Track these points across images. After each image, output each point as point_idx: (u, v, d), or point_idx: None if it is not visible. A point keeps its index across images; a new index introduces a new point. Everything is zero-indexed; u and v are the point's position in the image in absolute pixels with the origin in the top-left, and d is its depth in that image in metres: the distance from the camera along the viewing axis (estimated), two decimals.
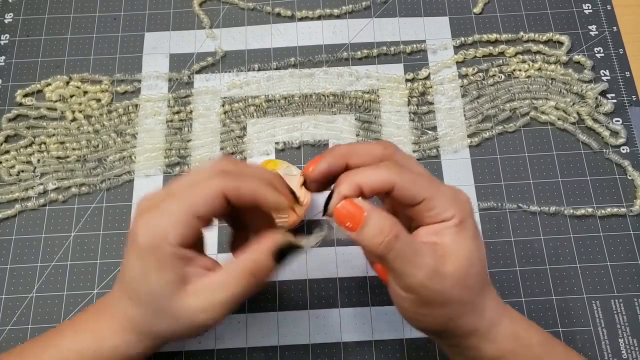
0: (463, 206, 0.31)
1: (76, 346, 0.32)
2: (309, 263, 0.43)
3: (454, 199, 0.31)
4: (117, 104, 0.48)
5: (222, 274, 0.30)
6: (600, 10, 0.51)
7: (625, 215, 0.44)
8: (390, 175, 0.30)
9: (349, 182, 0.30)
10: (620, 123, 0.47)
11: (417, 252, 0.29)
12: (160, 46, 0.51)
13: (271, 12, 0.52)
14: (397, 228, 0.29)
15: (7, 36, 0.51)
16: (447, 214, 0.31)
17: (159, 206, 0.30)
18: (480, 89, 0.49)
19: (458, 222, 0.31)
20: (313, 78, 0.49)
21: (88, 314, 0.34)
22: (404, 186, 0.30)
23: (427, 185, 0.31)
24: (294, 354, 0.41)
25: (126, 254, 0.31)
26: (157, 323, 0.30)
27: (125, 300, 0.31)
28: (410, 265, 0.29)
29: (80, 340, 0.32)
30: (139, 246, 0.29)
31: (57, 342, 0.32)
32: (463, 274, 0.30)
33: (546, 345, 0.32)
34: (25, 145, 0.47)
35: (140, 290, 0.30)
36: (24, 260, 0.44)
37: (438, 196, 0.31)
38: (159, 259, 0.29)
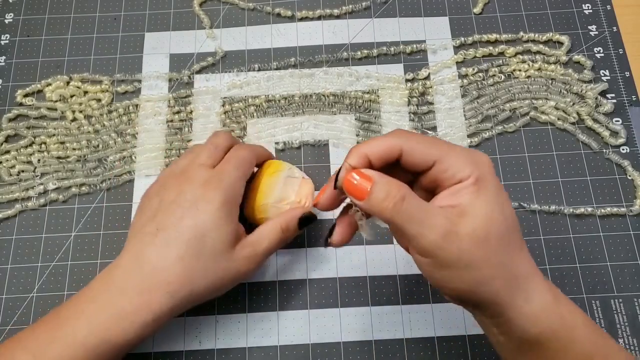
0: (481, 165, 0.30)
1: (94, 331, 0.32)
2: (309, 263, 0.43)
3: (469, 158, 0.30)
4: (117, 104, 0.49)
5: (262, 230, 0.37)
6: (600, 11, 0.51)
7: (625, 215, 0.44)
8: (396, 140, 0.30)
9: (356, 152, 0.30)
10: (620, 123, 0.47)
11: (428, 213, 0.29)
12: (160, 46, 0.51)
13: (271, 12, 0.52)
14: (404, 191, 0.29)
15: (7, 36, 0.51)
16: (463, 174, 0.30)
17: (222, 177, 0.36)
18: (480, 89, 0.49)
19: (474, 181, 0.29)
20: (313, 78, 0.49)
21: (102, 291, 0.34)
22: (412, 148, 0.30)
23: (437, 146, 0.30)
24: (294, 354, 0.41)
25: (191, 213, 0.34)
26: (200, 282, 0.34)
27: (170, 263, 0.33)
28: (422, 227, 0.28)
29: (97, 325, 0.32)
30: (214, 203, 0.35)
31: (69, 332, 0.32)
32: (483, 233, 0.29)
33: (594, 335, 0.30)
34: (26, 145, 0.47)
35: (206, 241, 0.34)
36: (24, 260, 0.44)
37: (451, 156, 0.30)
38: (231, 214, 0.35)
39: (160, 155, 0.47)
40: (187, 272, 0.33)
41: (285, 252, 0.44)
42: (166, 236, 0.34)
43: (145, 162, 0.47)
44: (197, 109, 0.48)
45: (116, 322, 0.32)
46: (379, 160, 0.30)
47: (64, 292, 0.43)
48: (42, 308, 0.42)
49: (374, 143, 0.30)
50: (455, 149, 0.30)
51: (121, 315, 0.32)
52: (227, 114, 0.48)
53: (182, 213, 0.34)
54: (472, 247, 0.28)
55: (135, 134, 0.47)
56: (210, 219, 0.34)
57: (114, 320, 0.32)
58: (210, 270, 0.34)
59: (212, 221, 0.34)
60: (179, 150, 0.47)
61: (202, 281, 0.34)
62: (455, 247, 0.28)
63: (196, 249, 0.34)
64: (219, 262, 0.34)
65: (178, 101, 0.49)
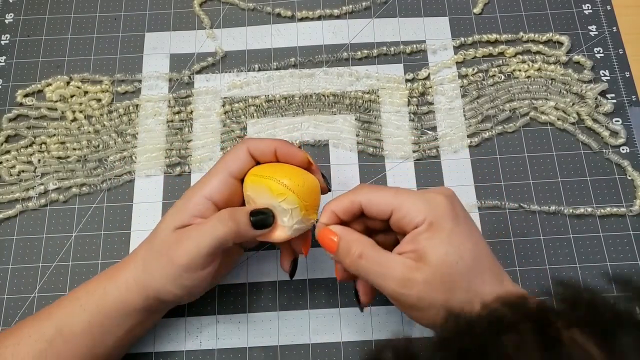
0: (435, 208, 0.32)
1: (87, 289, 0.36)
2: (309, 263, 0.43)
3: (424, 203, 0.33)
4: (117, 104, 0.49)
5: (205, 221, 0.35)
6: (600, 11, 0.51)
7: (624, 215, 0.44)
8: (356, 196, 0.34)
9: (326, 210, 0.35)
10: (619, 123, 0.47)
11: (386, 265, 0.32)
12: (160, 46, 0.51)
13: (271, 12, 0.52)
14: (362, 247, 0.33)
15: (7, 36, 0.52)
16: (417, 220, 0.33)
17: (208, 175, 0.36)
18: (480, 89, 0.49)
19: (428, 226, 0.32)
20: (313, 78, 0.49)
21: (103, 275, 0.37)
22: (370, 202, 0.34)
23: (393, 196, 0.33)
24: (294, 354, 0.41)
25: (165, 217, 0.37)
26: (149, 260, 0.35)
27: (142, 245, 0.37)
28: (381, 278, 0.32)
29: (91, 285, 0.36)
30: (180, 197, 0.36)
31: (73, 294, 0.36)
32: (438, 277, 0.31)
33: None
34: (26, 145, 0.47)
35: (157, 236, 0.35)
36: (25, 261, 0.44)
37: (405, 204, 0.33)
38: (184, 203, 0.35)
39: (161, 156, 0.47)
40: (142, 248, 0.36)
41: None
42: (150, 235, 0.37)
43: (145, 162, 0.47)
44: (198, 109, 0.48)
45: (103, 282, 0.36)
46: (345, 214, 0.35)
47: (65, 292, 0.43)
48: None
49: (338, 201, 0.35)
50: (411, 196, 0.33)
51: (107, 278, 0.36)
52: (227, 114, 0.48)
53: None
54: (430, 291, 0.31)
55: (136, 134, 0.48)
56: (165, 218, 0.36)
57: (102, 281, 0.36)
58: (153, 247, 0.35)
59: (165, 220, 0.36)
60: (179, 151, 0.47)
61: (151, 260, 0.35)
62: (415, 292, 0.31)
63: (150, 242, 0.36)
64: (161, 241, 0.35)
65: (178, 101, 0.49)
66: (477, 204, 0.45)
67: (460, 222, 0.32)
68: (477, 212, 0.45)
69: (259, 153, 0.37)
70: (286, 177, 0.35)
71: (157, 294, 0.35)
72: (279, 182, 0.34)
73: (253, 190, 0.36)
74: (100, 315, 0.35)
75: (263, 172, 0.36)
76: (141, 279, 0.35)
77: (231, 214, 0.35)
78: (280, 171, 0.35)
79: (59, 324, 0.35)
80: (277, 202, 0.35)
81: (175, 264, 0.34)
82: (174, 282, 0.35)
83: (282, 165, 0.36)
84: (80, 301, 0.35)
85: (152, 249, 0.35)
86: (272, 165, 0.37)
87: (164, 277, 0.35)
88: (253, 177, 0.36)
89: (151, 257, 0.35)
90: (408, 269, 0.32)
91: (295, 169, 0.36)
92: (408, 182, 0.46)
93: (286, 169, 0.36)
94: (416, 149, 0.47)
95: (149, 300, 0.36)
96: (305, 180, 0.35)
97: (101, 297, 0.35)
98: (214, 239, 0.34)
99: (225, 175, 0.36)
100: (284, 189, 0.34)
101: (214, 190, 0.35)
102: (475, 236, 0.33)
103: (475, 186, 0.46)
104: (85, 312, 0.35)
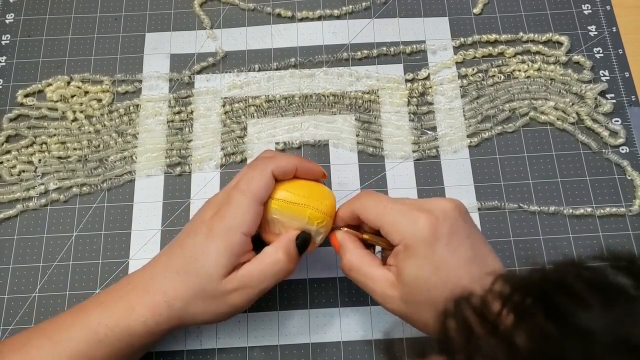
0: (414, 231, 0.33)
1: (105, 321, 0.34)
2: (309, 263, 0.43)
3: (405, 224, 0.33)
4: (118, 104, 0.49)
5: (257, 262, 0.35)
6: (600, 11, 0.51)
7: (624, 215, 0.44)
8: (353, 205, 0.36)
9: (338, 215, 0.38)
10: (619, 123, 0.47)
11: (370, 279, 0.34)
12: (161, 46, 0.51)
13: (271, 12, 0.52)
14: (351, 261, 0.35)
15: (8, 36, 0.52)
16: (396, 240, 0.34)
17: (229, 200, 0.35)
18: (479, 90, 0.49)
19: (404, 248, 0.33)
20: (313, 78, 0.49)
21: (118, 287, 0.36)
22: (362, 214, 0.36)
23: (380, 213, 0.34)
24: (294, 353, 0.41)
25: (189, 234, 0.35)
26: (193, 301, 0.34)
27: (170, 273, 0.35)
28: (367, 290, 0.35)
29: (110, 315, 0.34)
30: (210, 229, 0.34)
31: (85, 320, 0.34)
32: (413, 296, 0.32)
33: None
34: (27, 145, 0.47)
35: (193, 266, 0.34)
36: (26, 260, 0.44)
37: (390, 223, 0.34)
38: (227, 245, 0.34)
39: (161, 156, 0.47)
40: (180, 286, 0.34)
41: None
42: (174, 249, 0.36)
43: (146, 162, 0.47)
44: (198, 109, 0.48)
45: (125, 313, 0.34)
46: (350, 220, 0.37)
47: (66, 292, 0.43)
48: (44, 308, 0.42)
49: (343, 208, 0.37)
50: (396, 214, 0.34)
51: (129, 308, 0.34)
52: (228, 114, 0.48)
53: (191, 231, 0.36)
54: (407, 307, 0.33)
55: (136, 134, 0.48)
56: (204, 244, 0.35)
57: (123, 312, 0.34)
58: (202, 291, 0.34)
59: (206, 246, 0.34)
60: (179, 151, 0.47)
61: (195, 299, 0.34)
62: (395, 307, 0.34)
63: (190, 267, 0.34)
64: (213, 288, 0.34)
65: (179, 101, 0.49)
66: (477, 204, 0.45)
67: (437, 247, 0.32)
68: (477, 212, 0.45)
69: (282, 174, 0.36)
70: (317, 200, 0.36)
71: (195, 324, 0.36)
72: (317, 210, 0.36)
73: (285, 215, 0.36)
74: (124, 350, 0.34)
75: (293, 197, 0.36)
76: (179, 316, 0.35)
77: (286, 252, 0.35)
78: (307, 193, 0.37)
79: (75, 354, 0.33)
80: (315, 227, 0.36)
81: (233, 306, 0.35)
82: (225, 318, 0.36)
83: (304, 185, 0.37)
84: (99, 335, 0.34)
85: (198, 294, 0.34)
86: (293, 185, 0.37)
87: (214, 315, 0.35)
88: (283, 204, 0.36)
89: (199, 301, 0.34)
90: (388, 284, 0.34)
91: (316, 187, 0.38)
92: (408, 182, 0.46)
93: (310, 189, 0.37)
94: (416, 149, 0.47)
95: (181, 327, 0.36)
96: (329, 198, 0.38)
97: (125, 334, 0.34)
98: (275, 281, 0.35)
99: (256, 206, 0.35)
100: (321, 215, 0.36)
101: (251, 226, 0.35)
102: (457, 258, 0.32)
103: (475, 186, 0.46)
104: (107, 346, 0.34)
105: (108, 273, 0.43)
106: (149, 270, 0.36)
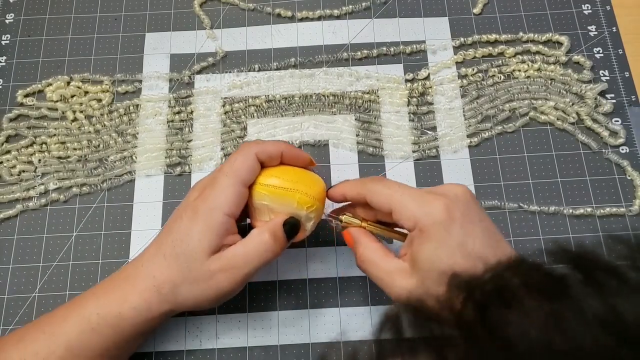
0: (428, 214, 0.32)
1: (98, 310, 0.34)
2: (309, 263, 0.43)
3: (418, 208, 0.33)
4: (117, 104, 0.49)
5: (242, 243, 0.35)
6: (600, 11, 0.51)
7: (624, 215, 0.44)
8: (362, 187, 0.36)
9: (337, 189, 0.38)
10: (619, 123, 0.47)
11: (385, 272, 0.34)
12: (161, 46, 0.51)
13: (271, 12, 0.52)
14: (365, 255, 0.36)
15: (8, 36, 0.52)
16: (409, 225, 0.33)
17: (213, 182, 0.35)
18: (479, 90, 0.49)
19: (419, 232, 0.32)
20: (313, 78, 0.49)
21: (112, 279, 0.37)
22: (372, 198, 0.35)
23: (392, 198, 0.34)
24: (294, 353, 0.41)
25: (176, 218, 0.36)
26: (180, 283, 0.34)
27: (158, 257, 0.35)
28: (382, 285, 0.35)
29: (102, 305, 0.35)
30: (194, 210, 0.35)
31: (79, 311, 0.35)
32: (430, 282, 0.32)
33: None
34: (27, 145, 0.47)
35: (179, 248, 0.34)
36: (25, 260, 0.44)
37: (402, 207, 0.33)
38: (209, 224, 0.34)
39: (161, 155, 0.47)
40: (167, 270, 0.35)
41: (286, 252, 0.44)
42: (162, 235, 0.36)
43: (145, 162, 0.47)
44: (198, 109, 0.48)
45: (118, 302, 0.35)
46: (353, 200, 0.37)
47: (66, 291, 0.43)
48: (44, 308, 0.42)
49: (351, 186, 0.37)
50: (408, 199, 0.34)
51: (122, 297, 0.35)
52: (228, 114, 0.48)
53: (177, 215, 0.36)
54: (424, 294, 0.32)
55: (136, 134, 0.48)
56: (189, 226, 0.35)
57: (115, 301, 0.35)
58: (188, 272, 0.34)
59: (190, 228, 0.35)
60: (179, 150, 0.47)
61: (182, 282, 0.34)
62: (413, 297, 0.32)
63: (177, 249, 0.35)
64: (198, 268, 0.34)
65: (178, 101, 0.49)
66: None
67: (453, 228, 0.32)
68: None
69: (267, 158, 0.36)
70: (306, 185, 0.36)
71: (186, 309, 0.36)
72: (306, 195, 0.36)
73: (274, 201, 0.36)
74: (117, 338, 0.35)
75: (281, 182, 0.36)
76: (169, 300, 0.35)
77: (272, 234, 0.35)
78: (295, 178, 0.36)
79: (70, 344, 0.34)
80: (304, 212, 0.36)
81: (219, 288, 0.34)
82: (214, 302, 0.36)
83: (291, 171, 0.37)
84: (92, 324, 0.34)
85: (185, 275, 0.34)
86: (281, 170, 0.37)
87: (202, 299, 0.35)
88: (271, 189, 0.36)
89: (186, 283, 0.34)
90: (403, 275, 0.33)
91: (304, 172, 0.38)
92: (408, 182, 0.46)
93: (298, 175, 0.37)
94: (416, 149, 0.47)
95: (173, 313, 0.36)
96: (318, 184, 0.37)
97: (117, 321, 0.34)
98: (260, 263, 0.35)
99: (239, 186, 0.35)
100: (311, 200, 0.36)
101: (233, 206, 0.35)
102: (472, 240, 0.32)
103: (475, 186, 0.46)
104: (100, 334, 0.34)
105: (108, 273, 0.43)
106: (140, 258, 0.36)
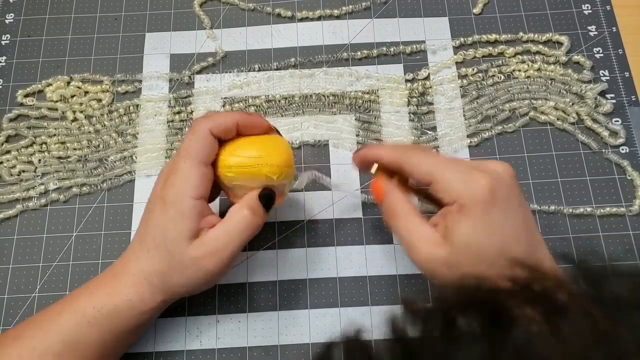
0: (470, 191, 0.31)
1: (93, 303, 0.35)
2: (309, 263, 0.43)
3: (461, 183, 0.31)
4: (117, 104, 0.49)
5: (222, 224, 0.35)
6: (600, 11, 0.51)
7: (624, 215, 0.44)
8: (402, 157, 0.34)
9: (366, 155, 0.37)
10: (619, 123, 0.47)
11: (413, 235, 0.33)
12: (160, 46, 0.51)
13: (271, 12, 0.52)
14: (394, 207, 0.34)
15: (8, 36, 0.52)
16: (449, 199, 0.31)
17: (174, 168, 0.35)
18: (479, 90, 0.49)
19: (459, 208, 0.31)
20: (313, 78, 0.49)
21: (103, 276, 0.37)
22: (412, 167, 0.34)
23: (434, 168, 0.32)
24: (294, 353, 0.41)
25: (149, 211, 0.36)
26: (169, 273, 0.34)
27: (143, 252, 0.35)
28: (408, 247, 0.33)
29: (96, 300, 0.35)
30: (163, 201, 0.35)
31: (73, 306, 0.35)
32: (459, 259, 0.30)
33: None
34: (26, 145, 0.47)
35: (158, 240, 0.35)
36: (25, 260, 0.44)
37: (443, 179, 0.32)
38: (180, 211, 0.34)
39: (161, 156, 0.47)
40: (152, 262, 0.35)
41: (286, 251, 0.44)
42: (141, 229, 0.37)
43: (145, 162, 0.47)
44: (198, 109, 0.48)
45: (112, 296, 0.35)
46: (388, 165, 0.35)
47: (66, 292, 0.43)
48: (44, 308, 0.42)
49: (388, 151, 0.35)
50: (452, 172, 0.32)
51: (115, 292, 0.35)
52: None
53: (149, 207, 0.36)
54: (446, 271, 0.31)
55: (136, 134, 0.48)
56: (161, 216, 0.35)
57: (109, 295, 0.35)
58: (173, 261, 0.34)
59: (163, 217, 0.35)
60: None
61: (170, 271, 0.35)
62: (436, 267, 0.31)
63: (157, 241, 0.35)
64: (182, 256, 0.34)
65: (178, 101, 0.49)
66: None
67: (494, 210, 0.30)
68: None
69: (222, 132, 0.35)
70: (270, 155, 0.35)
71: (180, 296, 0.36)
72: (272, 166, 0.35)
73: (243, 180, 0.36)
74: (114, 330, 0.35)
75: (244, 160, 0.35)
76: (162, 290, 0.35)
77: (250, 209, 0.35)
78: (257, 152, 0.35)
79: (67, 339, 0.34)
80: (276, 182, 0.36)
81: (208, 272, 0.34)
82: (205, 285, 0.36)
83: (251, 143, 0.36)
84: (87, 317, 0.34)
85: (171, 265, 0.34)
86: (240, 144, 0.36)
87: (194, 285, 0.35)
88: (236, 169, 0.35)
89: (175, 272, 0.35)
90: (433, 244, 0.31)
91: (265, 140, 0.37)
92: None
93: (258, 145, 0.36)
94: None
95: (168, 302, 0.37)
96: (282, 147, 0.36)
97: (113, 313, 0.34)
98: (243, 239, 0.35)
99: (200, 167, 0.35)
100: (278, 169, 0.35)
101: (199, 189, 0.35)
102: (511, 225, 0.31)
103: None
104: (96, 328, 0.34)
105: None
106: (126, 255, 0.37)
